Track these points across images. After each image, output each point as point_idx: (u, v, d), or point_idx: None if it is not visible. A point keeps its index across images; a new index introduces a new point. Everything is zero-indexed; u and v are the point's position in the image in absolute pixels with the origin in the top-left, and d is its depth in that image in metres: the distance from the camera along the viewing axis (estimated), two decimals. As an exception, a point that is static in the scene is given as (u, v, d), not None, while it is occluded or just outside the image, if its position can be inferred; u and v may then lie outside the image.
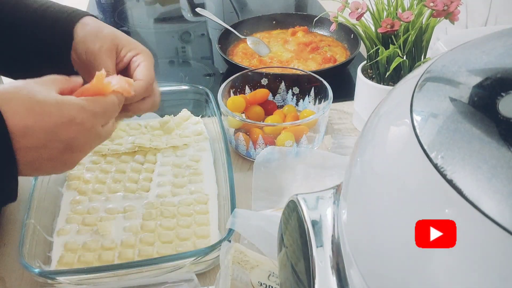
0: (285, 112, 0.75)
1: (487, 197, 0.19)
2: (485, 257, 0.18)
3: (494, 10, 0.73)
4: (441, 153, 0.21)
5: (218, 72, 0.99)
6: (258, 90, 0.78)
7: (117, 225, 0.59)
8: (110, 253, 0.56)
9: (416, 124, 0.23)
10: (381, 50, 0.66)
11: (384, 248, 0.22)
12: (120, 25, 1.23)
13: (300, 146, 0.69)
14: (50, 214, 0.61)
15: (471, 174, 0.20)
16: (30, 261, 0.51)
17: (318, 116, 0.68)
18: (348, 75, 0.94)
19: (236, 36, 1.02)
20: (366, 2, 0.67)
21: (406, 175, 0.23)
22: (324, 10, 1.23)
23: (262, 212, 0.55)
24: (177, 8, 1.34)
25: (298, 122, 0.68)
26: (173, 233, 0.58)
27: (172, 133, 0.75)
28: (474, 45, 0.28)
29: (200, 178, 0.67)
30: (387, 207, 0.23)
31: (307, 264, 0.27)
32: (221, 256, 0.47)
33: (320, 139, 0.72)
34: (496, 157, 0.20)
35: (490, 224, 0.18)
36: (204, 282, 0.54)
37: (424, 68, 0.28)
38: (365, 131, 0.29)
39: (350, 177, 0.28)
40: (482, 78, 0.25)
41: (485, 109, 0.22)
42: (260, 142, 0.68)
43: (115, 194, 0.64)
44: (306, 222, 0.29)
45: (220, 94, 0.71)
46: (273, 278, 0.45)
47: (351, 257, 0.25)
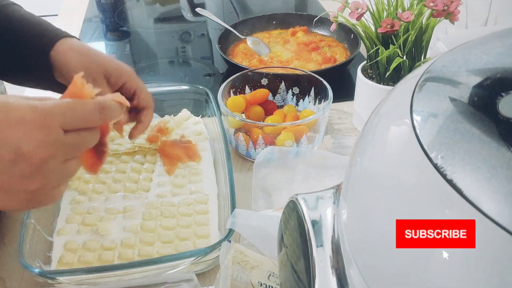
0: (285, 112, 0.75)
1: (487, 197, 0.19)
2: (485, 257, 0.18)
3: (494, 10, 0.73)
4: (441, 153, 0.21)
5: (218, 72, 0.99)
6: (258, 90, 0.78)
7: (117, 225, 0.59)
8: (110, 253, 0.56)
9: (416, 124, 0.23)
10: (381, 50, 0.66)
11: (384, 247, 0.22)
12: (120, 25, 1.23)
13: (300, 146, 0.69)
14: (50, 214, 0.61)
15: (471, 174, 0.20)
16: (30, 261, 0.51)
17: (318, 116, 0.68)
18: (348, 75, 0.94)
19: (236, 36, 1.02)
20: (366, 2, 0.67)
21: (406, 175, 0.23)
22: (324, 10, 1.23)
23: (262, 212, 0.55)
24: (177, 8, 1.34)
25: (298, 122, 0.68)
26: (173, 233, 0.58)
27: (172, 133, 0.75)
28: (474, 45, 0.28)
29: (200, 178, 0.67)
30: (387, 207, 0.23)
31: (307, 264, 0.27)
32: (221, 256, 0.47)
33: (320, 139, 0.72)
34: (496, 157, 0.20)
35: (490, 224, 0.18)
36: (204, 282, 0.54)
37: (424, 68, 0.28)
38: (365, 131, 0.29)
39: (350, 177, 0.28)
40: (482, 78, 0.25)
41: (485, 109, 0.22)
42: (260, 142, 0.68)
43: (115, 194, 0.64)
44: (306, 222, 0.29)
45: (220, 94, 0.71)
46: (273, 278, 0.45)
47: (351, 257, 0.25)
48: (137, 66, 1.04)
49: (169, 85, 0.81)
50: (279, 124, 0.70)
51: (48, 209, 0.61)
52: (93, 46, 1.14)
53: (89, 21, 1.25)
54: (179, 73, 1.00)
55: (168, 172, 0.68)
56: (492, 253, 0.18)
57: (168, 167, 0.68)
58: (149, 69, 1.03)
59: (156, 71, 1.03)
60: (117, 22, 1.25)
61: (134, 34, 1.19)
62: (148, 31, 1.22)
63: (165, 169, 0.68)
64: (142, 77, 0.99)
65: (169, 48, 1.12)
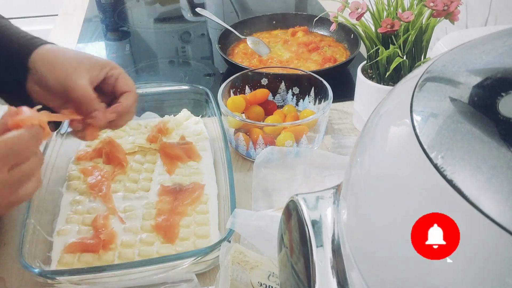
0: (285, 112, 0.75)
1: (487, 197, 0.19)
2: (485, 257, 0.18)
3: (494, 10, 0.73)
4: (441, 153, 0.21)
5: (218, 72, 0.99)
6: (258, 90, 0.78)
7: (117, 225, 0.59)
8: (110, 253, 0.56)
9: (416, 124, 0.23)
10: (381, 50, 0.66)
11: (384, 248, 0.22)
12: (120, 25, 1.23)
13: (300, 146, 0.69)
14: (50, 214, 0.61)
15: (471, 174, 0.20)
16: (30, 261, 0.51)
17: (318, 116, 0.68)
18: (348, 75, 0.94)
19: (236, 36, 1.02)
20: (366, 2, 0.67)
21: (406, 175, 0.22)
22: (324, 10, 1.23)
23: (262, 212, 0.55)
24: (177, 8, 1.34)
25: (298, 122, 0.68)
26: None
27: (172, 133, 0.75)
28: (474, 45, 0.28)
29: (200, 178, 0.67)
30: (387, 207, 0.23)
31: (307, 264, 0.27)
32: (221, 256, 0.47)
33: (320, 139, 0.72)
34: (496, 157, 0.19)
35: (490, 224, 0.18)
36: (204, 282, 0.54)
37: (424, 68, 0.28)
38: (365, 131, 0.29)
39: (350, 177, 0.28)
40: (482, 78, 0.25)
41: (485, 109, 0.22)
42: (260, 142, 0.68)
43: (115, 194, 0.64)
44: (306, 222, 0.29)
45: (220, 94, 0.71)
46: (273, 278, 0.45)
47: (351, 257, 0.25)
48: (137, 66, 1.04)
49: (169, 85, 0.81)
50: (279, 124, 0.70)
51: (48, 209, 0.61)
52: (93, 46, 1.15)
53: (89, 21, 1.25)
54: (179, 73, 1.00)
55: (168, 172, 0.68)
56: (492, 253, 0.18)
57: (168, 167, 0.68)
58: (149, 69, 1.03)
59: (156, 71, 1.03)
60: (117, 22, 1.25)
61: (134, 34, 1.19)
62: (148, 31, 1.22)
63: (165, 169, 0.68)
64: (142, 77, 1.00)
65: (169, 48, 1.12)
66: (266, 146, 0.68)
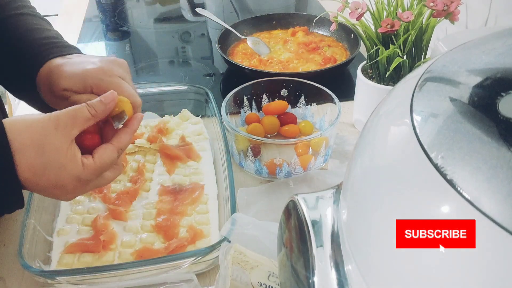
0: (300, 128, 0.74)
1: (487, 197, 0.19)
2: (485, 257, 0.18)
3: (494, 10, 0.73)
4: (441, 153, 0.21)
5: (218, 72, 0.99)
6: (277, 102, 0.76)
7: (117, 225, 0.59)
8: (110, 253, 0.56)
9: (416, 124, 0.23)
10: (381, 50, 0.66)
11: (384, 247, 0.22)
12: (120, 25, 1.23)
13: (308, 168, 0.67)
14: (50, 214, 0.61)
15: (471, 174, 0.20)
16: (30, 261, 0.51)
17: (314, 137, 0.65)
18: (348, 75, 0.94)
19: (236, 36, 1.02)
20: (366, 2, 0.67)
21: (406, 175, 0.23)
22: (324, 10, 1.23)
23: (261, 222, 0.54)
24: (177, 8, 1.34)
25: (294, 141, 0.66)
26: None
27: (172, 133, 0.75)
28: (474, 45, 0.28)
29: (200, 178, 0.67)
30: (387, 207, 0.23)
31: (307, 264, 0.27)
32: (221, 256, 0.47)
33: (320, 162, 0.69)
34: (496, 157, 0.20)
35: (490, 224, 0.18)
36: (204, 282, 0.54)
37: (424, 68, 0.28)
38: (365, 131, 0.29)
39: (350, 177, 0.28)
40: (482, 78, 0.25)
41: (485, 109, 0.22)
42: (249, 154, 0.67)
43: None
44: (306, 222, 0.29)
45: (223, 109, 0.69)
46: (273, 278, 0.45)
47: (351, 257, 0.25)
48: (137, 66, 1.04)
49: (169, 85, 0.81)
50: (277, 141, 0.68)
51: (48, 209, 0.61)
52: (93, 46, 1.14)
53: (89, 21, 1.25)
54: (179, 73, 1.00)
55: (168, 172, 0.68)
56: (492, 253, 0.18)
57: (168, 167, 0.68)
58: (149, 69, 1.03)
59: (156, 71, 1.03)
60: (117, 22, 1.25)
61: (134, 34, 1.19)
62: (148, 31, 1.22)
63: (165, 169, 0.68)
64: (142, 77, 1.00)
65: (169, 48, 1.12)
66: (255, 159, 0.66)
